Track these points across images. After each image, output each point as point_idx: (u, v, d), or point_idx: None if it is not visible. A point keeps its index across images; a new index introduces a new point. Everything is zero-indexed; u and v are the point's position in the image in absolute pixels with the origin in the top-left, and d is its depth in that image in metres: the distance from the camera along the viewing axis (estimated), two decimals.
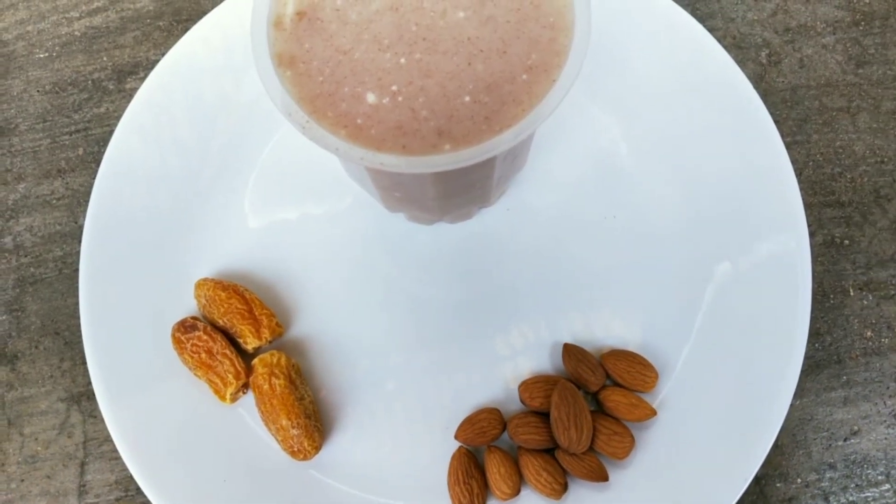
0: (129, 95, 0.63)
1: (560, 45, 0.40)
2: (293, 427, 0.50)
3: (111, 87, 0.64)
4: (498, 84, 0.39)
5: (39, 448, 0.56)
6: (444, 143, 0.39)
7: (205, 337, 0.52)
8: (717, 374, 0.51)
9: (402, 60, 0.40)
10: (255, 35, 0.41)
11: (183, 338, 0.52)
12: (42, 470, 0.55)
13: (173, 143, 0.58)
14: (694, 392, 0.51)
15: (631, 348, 0.53)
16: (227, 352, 0.52)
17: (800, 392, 0.54)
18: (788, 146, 0.53)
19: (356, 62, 0.40)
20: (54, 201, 0.61)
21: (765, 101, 0.55)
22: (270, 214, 0.58)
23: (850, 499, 0.53)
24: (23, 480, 0.55)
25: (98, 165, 0.56)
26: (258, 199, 0.58)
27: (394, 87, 0.39)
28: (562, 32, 0.40)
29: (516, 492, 0.50)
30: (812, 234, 0.54)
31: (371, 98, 0.39)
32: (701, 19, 0.62)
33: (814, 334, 0.55)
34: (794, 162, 0.53)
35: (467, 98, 0.39)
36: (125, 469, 0.55)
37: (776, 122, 0.54)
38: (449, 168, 0.38)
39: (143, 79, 0.62)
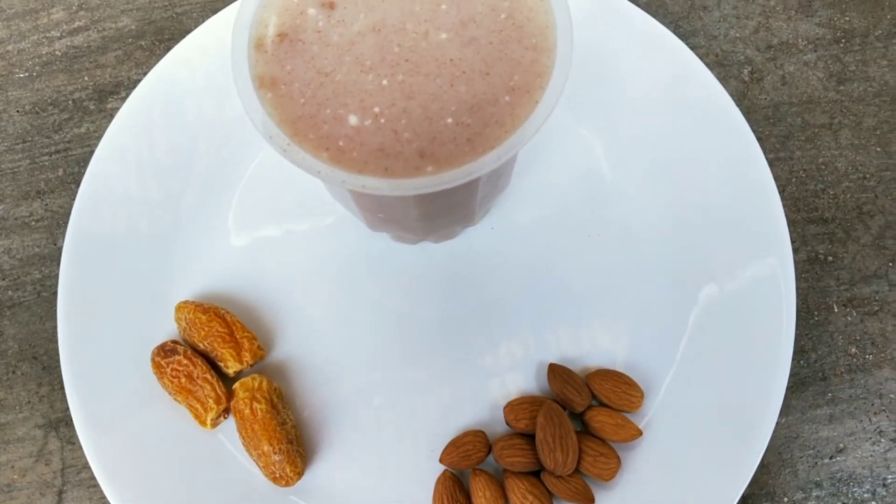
0: (110, 115, 0.63)
1: (542, 67, 0.40)
2: (275, 453, 0.49)
3: (92, 106, 0.63)
4: (481, 106, 0.39)
5: (16, 476, 0.55)
6: (427, 165, 0.38)
7: (185, 361, 0.51)
8: (702, 393, 0.51)
9: (385, 82, 0.39)
10: (236, 57, 0.40)
11: (163, 362, 0.51)
12: (18, 499, 0.54)
13: (154, 164, 0.57)
14: (680, 412, 0.51)
15: (617, 367, 0.53)
16: (208, 376, 0.51)
17: (785, 410, 0.54)
18: (772, 163, 0.53)
19: (338, 84, 0.40)
20: (33, 223, 0.60)
21: (748, 118, 0.55)
22: (252, 235, 0.57)
23: None
24: None
25: (78, 186, 0.55)
26: (240, 220, 0.57)
27: (376, 109, 0.39)
28: (544, 54, 0.40)
29: None
30: (796, 251, 0.54)
31: (353, 120, 0.39)
32: (683, 37, 0.62)
33: (798, 351, 0.55)
34: (777, 178, 0.53)
35: (450, 120, 0.39)
36: (104, 497, 0.54)
37: (759, 138, 0.54)
38: (431, 190, 0.38)
39: (124, 98, 0.61)
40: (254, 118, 0.39)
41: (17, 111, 0.63)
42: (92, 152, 0.56)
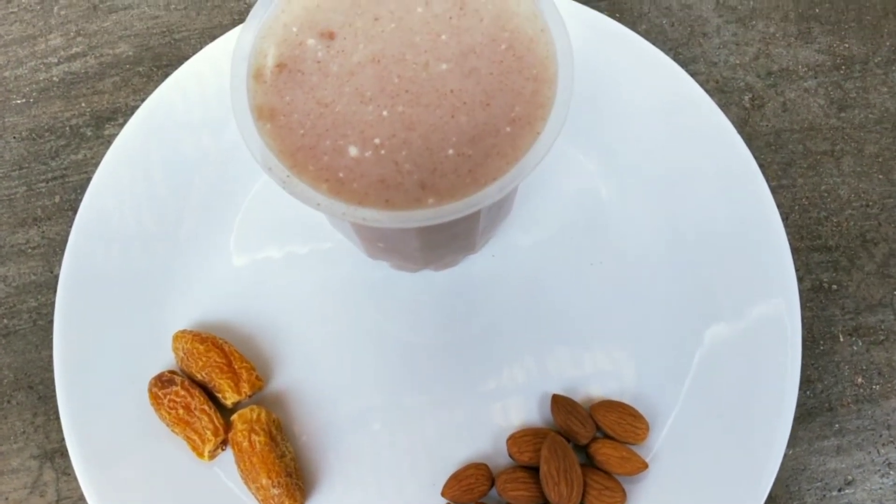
0: (107, 142, 0.62)
1: (543, 98, 0.40)
2: (273, 486, 0.48)
3: (89, 133, 0.63)
4: (482, 137, 0.39)
5: None
6: (428, 196, 0.38)
7: (182, 392, 0.50)
8: (708, 426, 0.50)
9: (385, 113, 0.39)
10: (235, 87, 0.40)
11: (160, 393, 0.51)
12: None
13: (152, 191, 0.57)
14: (686, 444, 0.50)
15: (621, 398, 0.52)
16: (206, 407, 0.50)
17: (792, 441, 0.53)
18: (774, 190, 0.53)
19: (338, 115, 0.39)
20: (29, 250, 0.60)
21: (749, 145, 0.54)
22: (250, 262, 0.56)
23: None
24: None
25: (75, 213, 0.55)
26: (238, 248, 0.57)
27: (376, 140, 0.39)
28: (545, 84, 0.40)
29: None
30: (800, 279, 0.54)
31: (353, 151, 0.39)
32: (684, 64, 0.62)
33: (804, 381, 0.54)
34: (780, 206, 0.53)
35: (451, 151, 0.38)
36: None
37: (761, 165, 0.54)
38: (433, 223, 0.37)
39: (122, 125, 0.61)
40: (253, 149, 0.39)
41: (14, 137, 0.63)
42: (89, 179, 0.56)
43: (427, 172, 0.38)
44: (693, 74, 0.58)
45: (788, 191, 0.59)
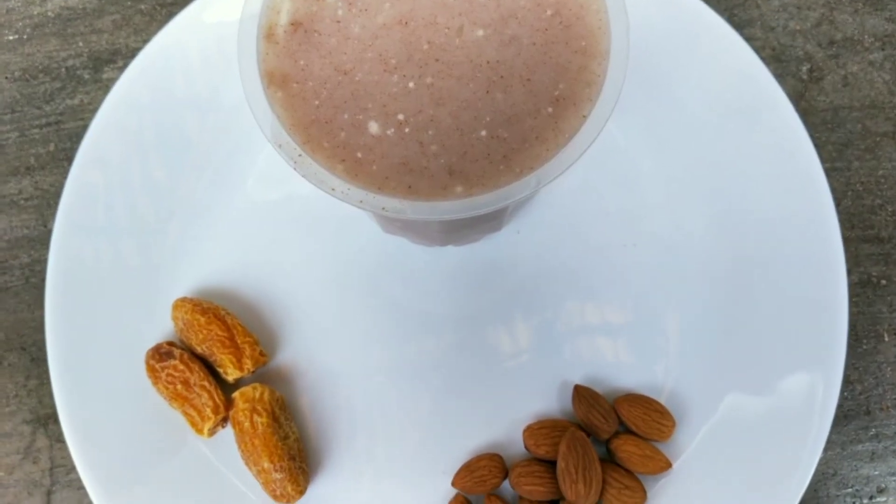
0: (105, 86, 0.58)
1: (592, 75, 0.35)
2: (276, 470, 0.46)
3: (86, 76, 0.58)
4: (519, 117, 0.34)
5: (2, 473, 0.52)
6: (456, 184, 0.34)
7: (181, 367, 0.47)
8: (741, 427, 0.47)
9: (411, 84, 0.35)
10: (243, 48, 0.36)
11: (157, 366, 0.48)
12: (5, 497, 0.51)
13: (154, 143, 0.53)
14: (714, 446, 0.47)
15: (647, 392, 0.49)
16: (206, 383, 0.48)
17: (825, 444, 0.50)
18: (827, 172, 0.48)
19: (358, 84, 0.35)
20: (22, 202, 0.56)
21: (803, 122, 0.49)
22: (257, 226, 0.53)
23: None
24: None
25: (70, 163, 0.51)
26: (246, 209, 0.53)
27: (400, 117, 0.34)
28: (594, 59, 0.35)
29: None
30: (847, 272, 0.50)
31: (374, 128, 0.34)
32: (738, 27, 0.56)
33: (843, 381, 0.51)
34: (832, 191, 0.48)
35: (483, 132, 0.34)
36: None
37: (815, 146, 0.49)
38: (459, 217, 0.33)
39: (121, 68, 0.56)
40: (261, 121, 0.34)
41: (6, 77, 0.58)
42: (86, 126, 0.51)
43: (456, 156, 0.34)
44: (748, 39, 0.52)
45: (842, 174, 0.55)
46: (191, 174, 0.53)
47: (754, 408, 0.47)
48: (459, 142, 0.34)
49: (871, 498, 0.50)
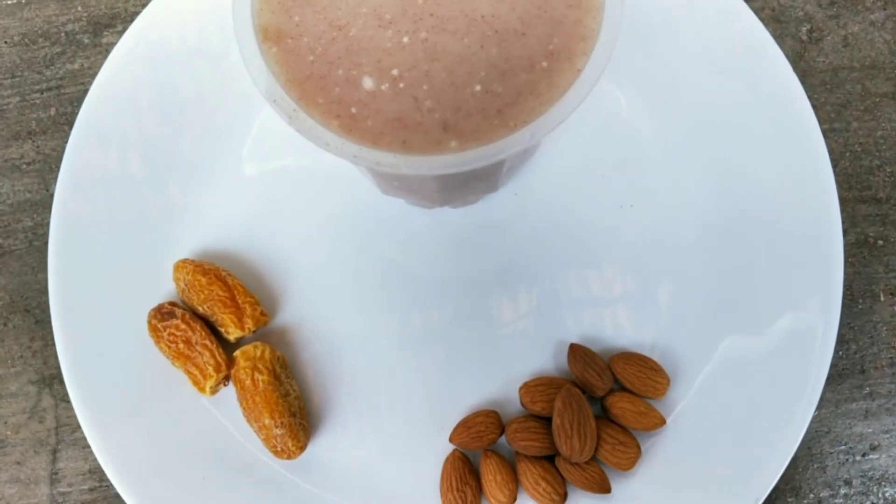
0: (105, 51, 0.58)
1: (587, 29, 0.35)
2: (276, 426, 0.47)
3: (86, 40, 0.58)
4: (514, 72, 0.34)
5: (9, 432, 0.53)
6: (450, 139, 0.34)
7: (183, 326, 0.48)
8: (734, 385, 0.47)
9: (406, 40, 0.35)
10: (238, 3, 0.36)
11: (159, 325, 0.48)
12: (12, 455, 0.52)
13: (153, 107, 0.53)
14: (708, 403, 0.48)
15: (642, 351, 0.50)
16: (207, 342, 0.48)
17: (819, 402, 0.50)
18: (825, 133, 0.48)
19: (352, 40, 0.35)
20: (24, 166, 0.56)
21: (802, 83, 0.49)
22: (257, 188, 0.53)
23: None
24: None
25: (71, 128, 0.51)
26: (245, 172, 0.53)
27: (395, 72, 0.34)
28: (589, 13, 0.35)
29: (513, 500, 0.47)
30: (844, 233, 0.50)
31: (368, 83, 0.34)
32: None
33: (838, 341, 0.51)
34: (830, 152, 0.48)
35: (478, 87, 0.34)
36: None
37: (813, 106, 0.49)
38: (454, 171, 0.33)
39: (121, 32, 0.56)
40: (255, 77, 0.35)
41: (6, 42, 0.58)
42: (86, 91, 0.52)
43: (450, 111, 0.34)
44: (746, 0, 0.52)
45: (840, 135, 0.54)
46: (190, 137, 0.53)
47: (748, 360, 0.48)
48: (454, 97, 0.34)
49: (863, 455, 0.50)
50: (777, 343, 0.47)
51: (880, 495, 0.50)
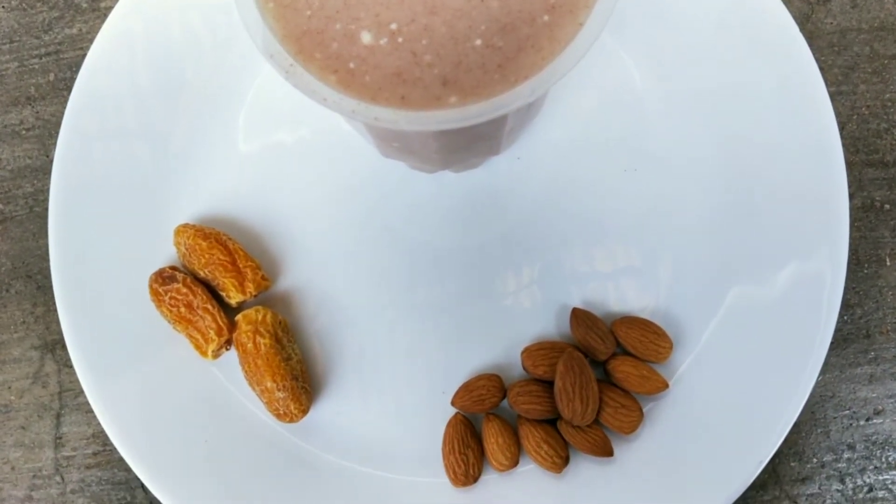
0: (104, 15, 0.57)
1: None
2: (279, 389, 0.47)
3: (84, 5, 0.58)
4: (515, 25, 0.34)
5: (13, 397, 0.53)
6: (450, 94, 0.33)
7: (184, 290, 0.48)
8: (737, 348, 0.47)
9: None
10: None
11: (161, 290, 0.48)
12: (16, 420, 0.53)
13: (152, 71, 0.52)
14: (710, 366, 0.48)
15: (644, 315, 0.49)
16: (209, 306, 0.48)
17: (824, 367, 0.50)
18: (832, 96, 0.48)
19: None
20: (24, 132, 0.56)
21: (810, 45, 0.49)
22: (258, 153, 0.53)
23: (868, 481, 0.50)
24: None
25: (70, 93, 0.51)
26: (245, 136, 0.53)
27: (393, 26, 0.34)
28: None
29: (515, 463, 0.47)
30: (851, 196, 0.49)
31: (366, 38, 0.34)
32: None
33: (843, 305, 0.51)
34: (837, 115, 0.48)
35: (478, 41, 0.34)
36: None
37: (820, 69, 0.48)
38: (454, 126, 0.33)
39: None
40: (252, 32, 0.34)
41: (3, 7, 0.58)
42: (85, 55, 0.51)
43: (450, 66, 0.33)
44: None
45: (848, 98, 0.54)
46: (189, 102, 0.52)
47: (752, 316, 0.48)
48: (454, 51, 0.34)
49: (867, 419, 0.50)
50: (782, 296, 0.47)
51: (884, 459, 0.50)
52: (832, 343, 0.50)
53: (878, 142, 0.53)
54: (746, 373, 0.47)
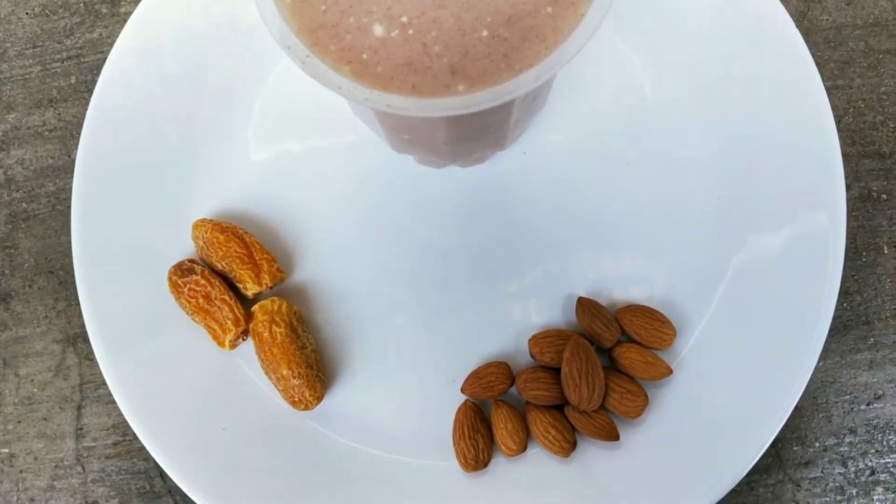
0: (123, 20, 0.59)
1: None
2: (294, 377, 0.48)
3: (104, 10, 0.60)
4: (519, 17, 0.35)
5: (35, 390, 0.54)
6: (458, 83, 0.35)
7: (202, 281, 0.50)
8: (739, 334, 0.49)
9: None
10: None
11: (180, 282, 0.50)
12: (38, 412, 0.54)
13: (169, 73, 0.54)
14: (713, 352, 0.49)
15: (649, 303, 0.51)
16: (226, 297, 0.50)
17: (824, 353, 0.51)
18: (829, 90, 0.49)
19: None
20: (46, 133, 0.58)
21: (806, 41, 0.50)
22: (272, 151, 0.54)
23: (869, 464, 0.51)
24: (19, 422, 0.54)
25: (91, 94, 0.53)
26: (260, 135, 0.55)
27: (404, 19, 0.35)
28: None
29: (523, 448, 0.48)
30: (848, 187, 0.51)
31: (378, 30, 0.36)
32: None
33: (843, 293, 0.52)
34: (833, 108, 0.49)
35: (485, 32, 0.35)
36: (122, 414, 0.53)
37: (817, 63, 0.50)
38: (463, 112, 0.34)
39: (138, 2, 0.58)
40: (270, 25, 0.36)
41: (27, 13, 0.60)
42: (105, 59, 0.53)
43: (458, 56, 0.35)
44: None
45: (844, 91, 0.55)
46: (205, 104, 0.54)
47: (754, 291, 0.49)
48: (461, 42, 0.35)
49: (868, 404, 0.51)
50: (781, 281, 0.48)
51: (884, 443, 0.51)
52: (833, 330, 0.51)
53: (874, 133, 0.55)
54: (748, 357, 0.48)
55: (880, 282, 0.53)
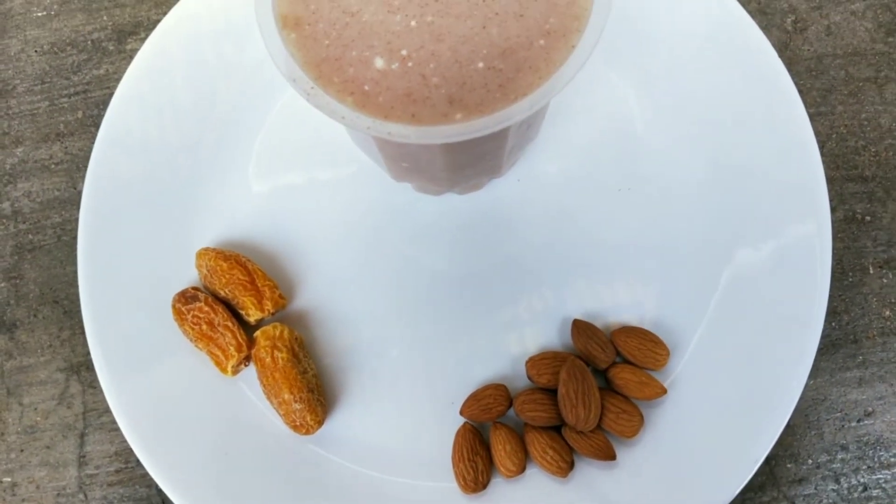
0: (129, 56, 0.61)
1: (579, 9, 0.38)
2: (295, 401, 0.49)
3: (111, 47, 0.62)
4: (513, 50, 0.37)
5: (39, 418, 0.55)
6: (456, 111, 0.37)
7: (206, 308, 0.51)
8: (730, 353, 0.50)
9: (413, 23, 0.38)
10: None
11: (183, 309, 0.51)
12: (42, 440, 0.55)
13: (174, 107, 0.56)
14: (706, 371, 0.50)
15: (642, 325, 0.52)
16: (229, 324, 0.51)
17: (814, 372, 0.53)
18: (812, 117, 0.51)
19: (364, 24, 0.38)
20: (53, 166, 0.60)
21: (789, 70, 0.52)
22: (274, 182, 0.56)
23: (862, 480, 0.52)
24: (22, 450, 0.54)
25: (98, 129, 0.54)
26: (261, 167, 0.56)
27: (403, 52, 0.37)
28: None
29: (522, 469, 0.49)
30: (833, 210, 0.53)
31: (379, 63, 0.37)
32: None
33: (831, 313, 0.54)
34: (816, 134, 0.51)
35: (481, 64, 0.37)
36: (125, 441, 0.54)
37: (800, 91, 0.52)
38: (460, 139, 0.36)
39: (143, 39, 0.60)
40: (277, 60, 0.38)
41: (36, 51, 0.62)
42: (111, 94, 0.55)
43: (455, 86, 0.37)
44: None
45: (826, 118, 0.57)
46: (207, 135, 0.56)
47: (744, 338, 0.50)
48: (458, 73, 0.37)
49: (858, 421, 0.52)
50: (770, 304, 0.49)
51: (876, 459, 0.52)
52: (822, 348, 0.52)
53: (856, 158, 0.56)
54: (739, 377, 0.49)
55: (867, 301, 0.54)
